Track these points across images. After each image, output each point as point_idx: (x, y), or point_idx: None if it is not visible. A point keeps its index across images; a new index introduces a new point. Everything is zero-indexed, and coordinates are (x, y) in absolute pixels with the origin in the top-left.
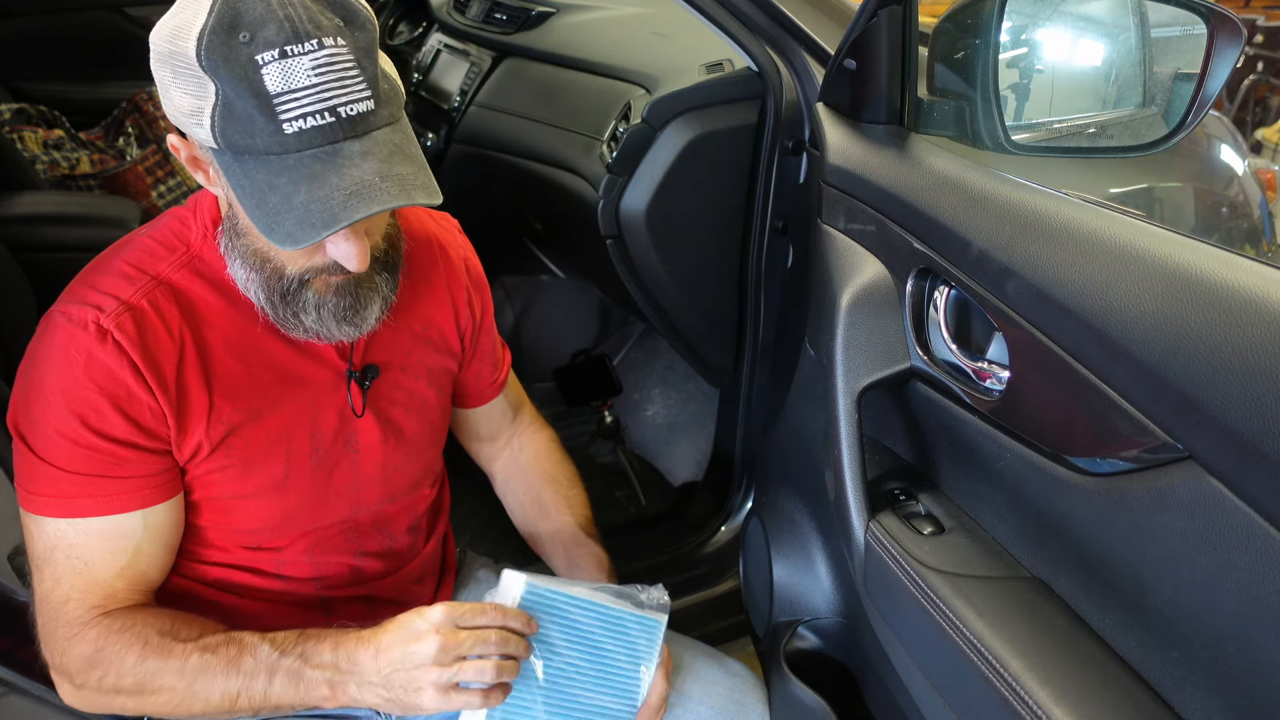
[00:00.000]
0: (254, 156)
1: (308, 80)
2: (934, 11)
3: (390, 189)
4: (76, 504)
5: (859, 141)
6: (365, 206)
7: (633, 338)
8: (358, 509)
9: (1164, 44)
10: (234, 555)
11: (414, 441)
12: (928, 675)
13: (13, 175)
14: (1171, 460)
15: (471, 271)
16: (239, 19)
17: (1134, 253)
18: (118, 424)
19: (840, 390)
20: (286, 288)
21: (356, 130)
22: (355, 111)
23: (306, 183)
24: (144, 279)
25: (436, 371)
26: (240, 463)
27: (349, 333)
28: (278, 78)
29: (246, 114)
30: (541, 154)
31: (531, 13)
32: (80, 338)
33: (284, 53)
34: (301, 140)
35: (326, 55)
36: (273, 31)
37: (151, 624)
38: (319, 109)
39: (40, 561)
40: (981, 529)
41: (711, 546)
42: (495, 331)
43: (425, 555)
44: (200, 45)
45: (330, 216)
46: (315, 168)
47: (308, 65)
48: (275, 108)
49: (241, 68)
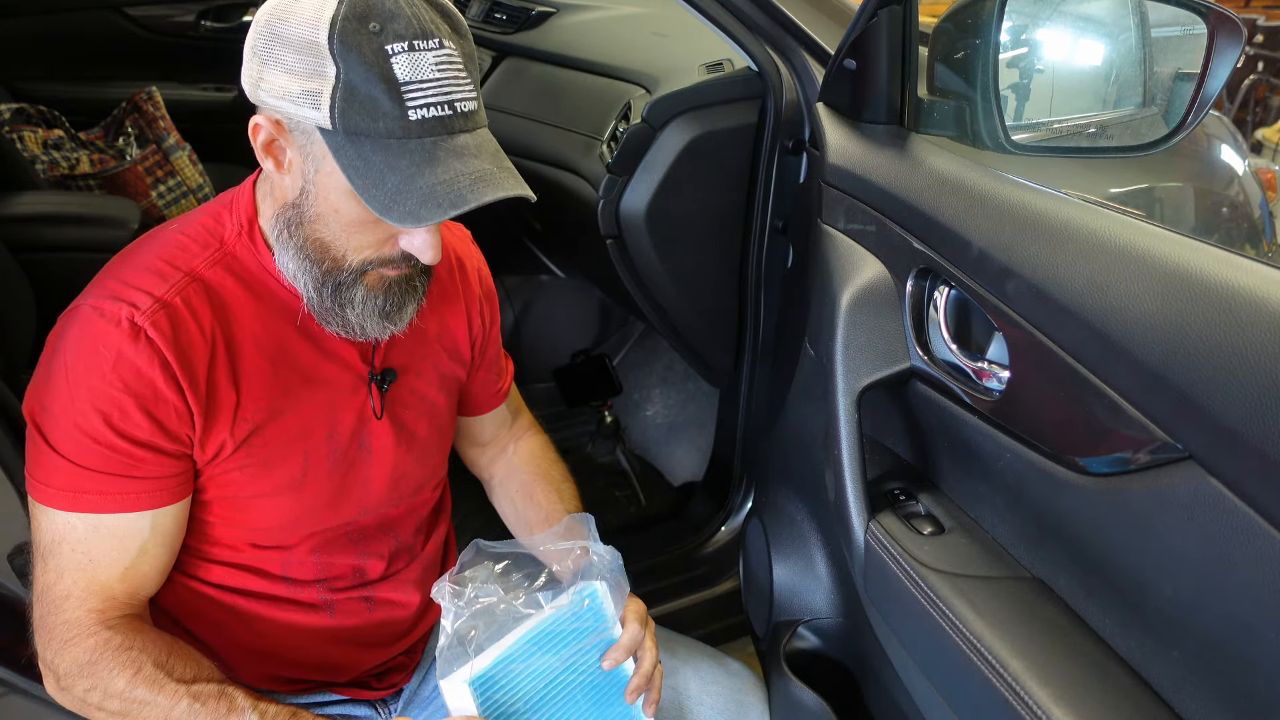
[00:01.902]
0: (372, 139)
1: (432, 74)
2: (934, 11)
3: (507, 180)
4: (86, 499)
5: (859, 141)
6: (491, 191)
7: (633, 338)
8: (365, 511)
9: (1164, 44)
10: (241, 554)
11: (424, 445)
12: (928, 675)
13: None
14: (1171, 460)
15: (484, 282)
16: (370, 10)
17: (1134, 253)
18: (141, 424)
19: (840, 390)
20: (342, 279)
21: (469, 125)
22: (467, 108)
23: (429, 166)
24: (178, 275)
25: (448, 378)
26: (260, 462)
27: (386, 329)
28: (407, 67)
29: (372, 98)
30: (542, 154)
31: (531, 13)
32: (112, 334)
33: (412, 46)
34: (424, 128)
35: (446, 54)
36: (402, 25)
37: (149, 651)
38: (441, 100)
39: (45, 553)
40: (981, 529)
41: (711, 546)
42: (499, 341)
43: (426, 556)
44: (333, 30)
45: (457, 197)
46: (437, 153)
47: (432, 60)
48: (403, 94)
49: (374, 54)
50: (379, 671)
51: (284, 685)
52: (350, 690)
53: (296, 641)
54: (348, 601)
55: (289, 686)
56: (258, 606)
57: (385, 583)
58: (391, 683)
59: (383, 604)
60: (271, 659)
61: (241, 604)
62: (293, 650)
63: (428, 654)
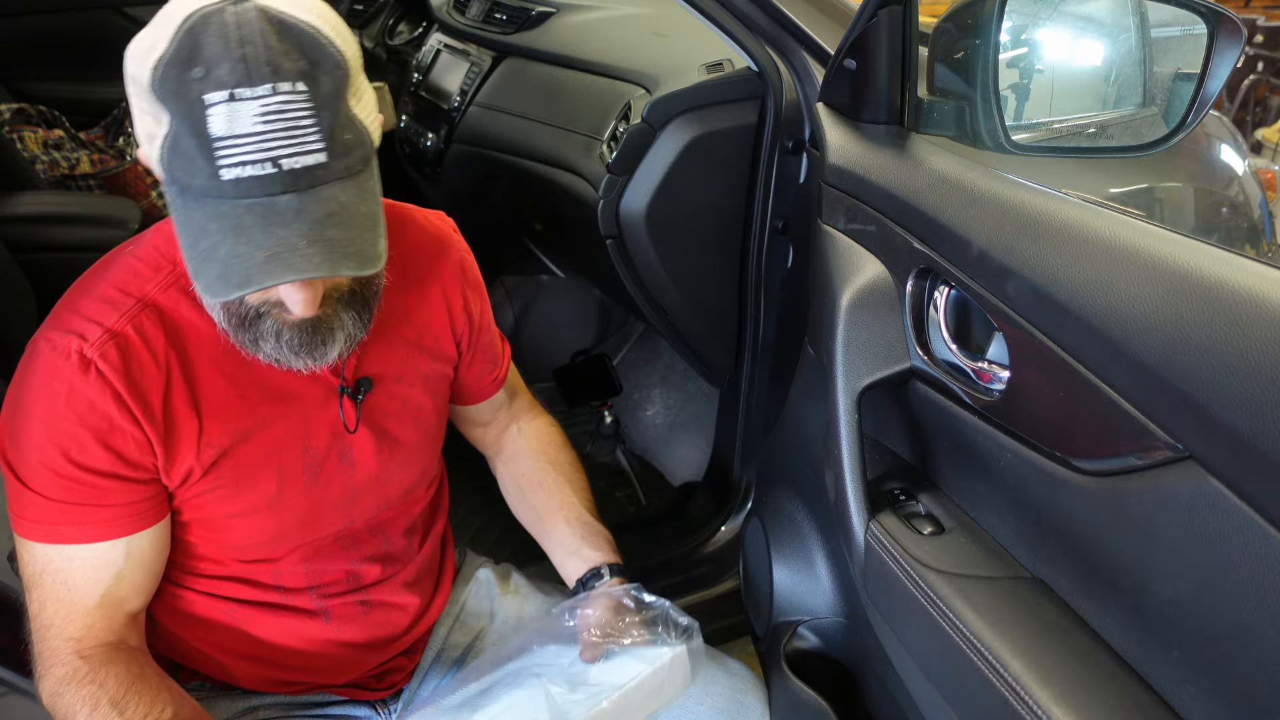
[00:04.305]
0: (194, 196)
1: (252, 127)
2: (934, 11)
3: (314, 255)
4: (61, 531)
5: (859, 141)
6: (280, 273)
7: (633, 338)
8: (353, 519)
9: (1164, 44)
10: (229, 568)
11: (409, 450)
12: (928, 675)
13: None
14: (1171, 460)
15: (468, 274)
16: (196, 53)
17: (1134, 253)
18: (100, 456)
19: (840, 390)
20: (245, 316)
21: (299, 184)
22: (300, 165)
23: (234, 235)
24: (129, 302)
25: (432, 379)
26: (232, 483)
27: (308, 364)
28: (222, 120)
29: (189, 152)
30: (541, 154)
31: (531, 13)
32: (63, 368)
33: (233, 95)
34: (238, 188)
35: (279, 102)
36: (225, 71)
37: (107, 687)
38: (260, 158)
39: (29, 584)
40: (981, 529)
41: (711, 546)
42: (493, 328)
43: (422, 558)
44: (156, 74)
45: (245, 277)
46: (246, 220)
47: (255, 111)
48: (214, 151)
49: (190, 105)
50: (378, 672)
51: (281, 687)
52: (349, 691)
53: (293, 645)
54: (343, 606)
55: (287, 688)
56: (251, 613)
57: (381, 586)
58: (391, 683)
59: (379, 606)
60: (268, 662)
61: (236, 611)
62: (289, 654)
63: (427, 654)
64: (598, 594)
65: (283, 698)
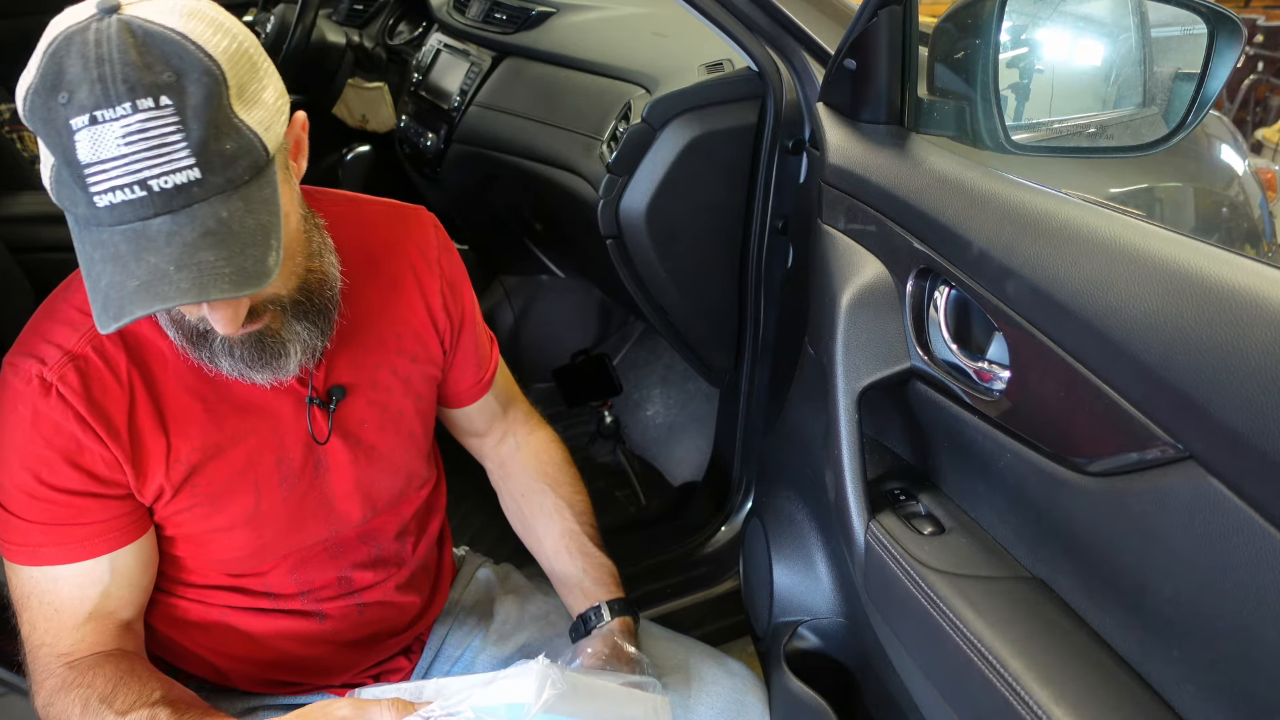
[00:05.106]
0: (82, 225)
1: (117, 150)
2: (934, 11)
3: (182, 281)
4: (43, 553)
5: (859, 141)
6: (147, 303)
7: (633, 338)
8: (339, 527)
9: (1164, 44)
10: (218, 580)
11: (390, 457)
12: (928, 675)
13: (13, 175)
14: (1171, 460)
15: (447, 270)
16: (60, 78)
17: (1134, 253)
18: (70, 476)
19: (840, 390)
20: (191, 334)
21: (173, 204)
22: (170, 184)
23: (111, 264)
24: (89, 323)
25: (415, 381)
26: (207, 500)
27: (267, 377)
28: (88, 146)
29: (67, 181)
30: (541, 154)
31: (531, 12)
32: (25, 392)
33: (93, 118)
34: (114, 215)
35: (139, 120)
36: (85, 94)
37: (95, 686)
38: (128, 182)
39: (19, 607)
40: (981, 529)
41: (711, 546)
42: (481, 327)
43: (417, 560)
44: (26, 103)
45: (120, 308)
46: (121, 247)
47: (118, 133)
48: (86, 179)
49: (58, 132)
50: (376, 672)
51: (279, 688)
52: (348, 690)
53: (288, 647)
54: (338, 609)
55: (284, 689)
56: (245, 618)
57: (375, 589)
58: (390, 682)
59: (375, 608)
60: (265, 664)
61: (230, 616)
62: (286, 655)
63: (426, 654)
64: (585, 644)
65: (281, 698)
